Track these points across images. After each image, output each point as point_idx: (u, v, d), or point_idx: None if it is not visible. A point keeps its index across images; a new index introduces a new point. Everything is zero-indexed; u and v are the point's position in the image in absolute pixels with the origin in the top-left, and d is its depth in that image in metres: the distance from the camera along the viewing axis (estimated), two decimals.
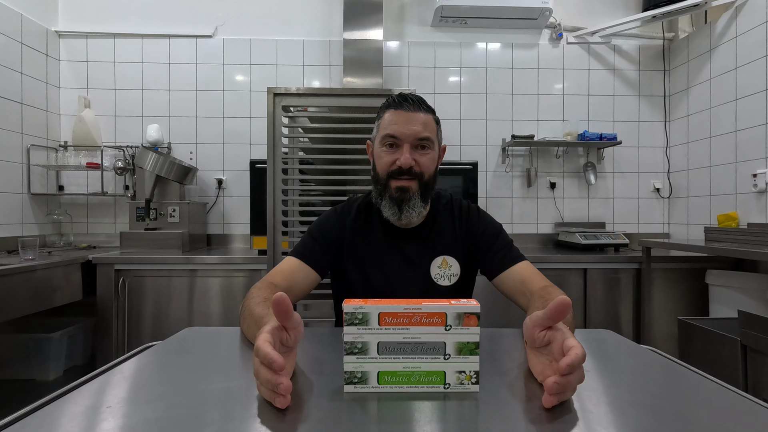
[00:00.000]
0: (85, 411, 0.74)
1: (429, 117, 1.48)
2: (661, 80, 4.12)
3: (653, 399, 0.80)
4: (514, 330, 1.25)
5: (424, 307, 0.81)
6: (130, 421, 0.70)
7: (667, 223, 4.13)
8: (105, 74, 3.95)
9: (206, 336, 1.22)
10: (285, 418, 0.72)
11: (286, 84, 3.99)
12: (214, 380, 0.88)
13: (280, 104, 2.47)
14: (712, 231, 3.10)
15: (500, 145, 4.06)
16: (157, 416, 0.72)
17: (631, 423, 0.71)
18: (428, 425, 0.70)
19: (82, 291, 3.06)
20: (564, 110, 4.10)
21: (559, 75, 4.11)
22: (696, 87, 3.76)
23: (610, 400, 0.79)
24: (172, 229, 3.53)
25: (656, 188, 4.11)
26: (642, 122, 4.12)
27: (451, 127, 4.02)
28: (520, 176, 4.08)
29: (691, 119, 3.82)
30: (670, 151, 4.08)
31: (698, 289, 3.25)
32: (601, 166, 4.09)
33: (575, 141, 3.86)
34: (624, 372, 0.96)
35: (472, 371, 0.82)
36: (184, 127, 3.98)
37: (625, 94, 4.12)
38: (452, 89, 4.08)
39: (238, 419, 0.71)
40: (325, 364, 0.97)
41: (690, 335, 2.63)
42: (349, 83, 3.63)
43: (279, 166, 2.47)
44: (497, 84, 4.09)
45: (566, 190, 4.10)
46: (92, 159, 3.79)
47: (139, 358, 1.02)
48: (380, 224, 1.59)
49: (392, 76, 4.04)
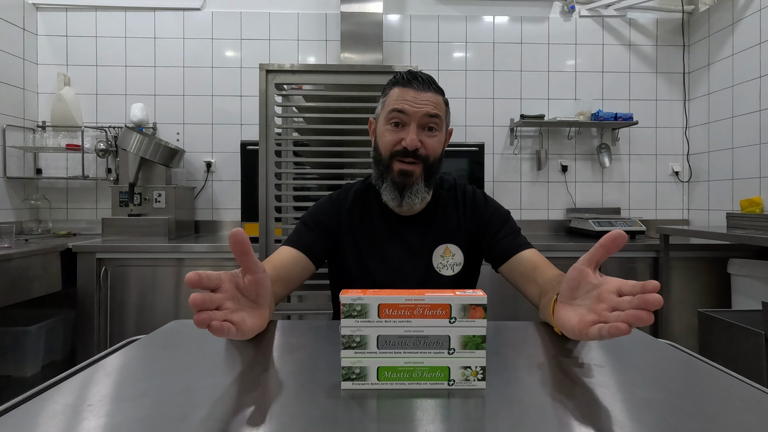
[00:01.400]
0: (65, 410, 0.73)
1: (439, 98, 1.46)
2: (680, 56, 4.10)
3: (672, 396, 0.79)
4: (523, 323, 1.24)
5: (427, 298, 0.81)
6: (112, 420, 0.70)
7: (686, 209, 4.13)
8: (86, 50, 3.93)
9: (194, 329, 1.21)
10: (278, 417, 0.71)
11: (279, 60, 3.96)
12: (202, 377, 0.87)
13: (272, 82, 2.46)
14: (734, 217, 3.10)
15: (508, 126, 4.05)
16: (141, 415, 0.71)
17: (649, 422, 0.70)
18: (431, 424, 0.70)
19: (62, 281, 3.06)
20: (576, 88, 4.09)
21: (571, 50, 4.09)
22: (717, 63, 3.74)
23: (625, 398, 0.78)
24: (157, 215, 3.53)
25: (675, 171, 4.10)
26: (660, 101, 4.10)
27: (456, 106, 4.01)
28: (529, 159, 4.08)
29: (712, 98, 3.80)
30: (690, 131, 4.07)
31: (720, 280, 3.25)
32: (616, 148, 4.08)
33: (588, 121, 3.85)
34: (640, 368, 0.95)
35: (478, 367, 0.82)
36: (170, 107, 3.97)
37: (641, 71, 4.10)
38: (457, 66, 4.06)
39: (228, 417, 0.71)
40: (321, 360, 0.97)
41: (711, 328, 2.63)
42: (346, 59, 3.61)
43: (272, 147, 2.46)
44: (505, 60, 4.07)
45: (579, 173, 4.10)
46: (72, 140, 3.78)
47: (122, 353, 1.01)
48: (379, 210, 1.58)
49: (393, 51, 4.01)
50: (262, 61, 3.83)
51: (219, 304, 0.83)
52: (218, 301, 0.83)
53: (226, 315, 0.83)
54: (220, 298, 0.84)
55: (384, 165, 1.49)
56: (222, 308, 0.84)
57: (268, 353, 1.02)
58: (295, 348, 1.04)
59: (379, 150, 1.51)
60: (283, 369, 0.92)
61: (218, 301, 0.83)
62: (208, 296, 0.79)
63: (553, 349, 1.04)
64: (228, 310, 0.85)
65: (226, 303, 0.85)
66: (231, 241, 0.84)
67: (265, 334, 1.13)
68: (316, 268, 1.52)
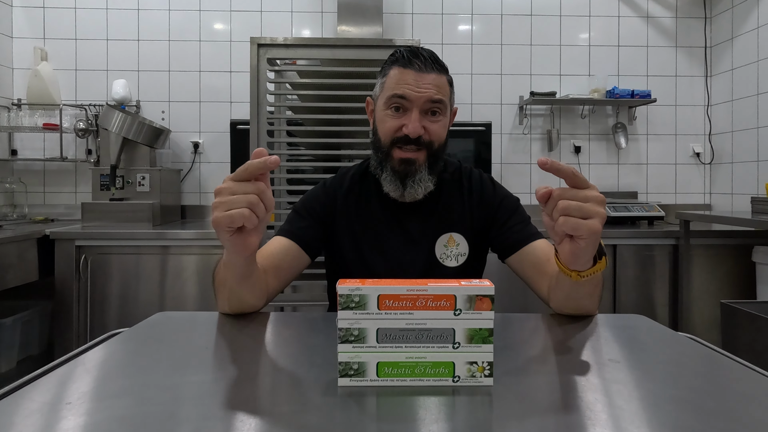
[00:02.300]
0: (42, 408, 0.73)
1: (442, 78, 1.44)
2: (702, 29, 4.07)
3: (692, 394, 0.79)
4: (533, 315, 1.24)
5: (430, 288, 0.80)
6: (93, 419, 0.69)
7: (708, 193, 4.13)
8: (64, 22, 3.91)
9: (180, 322, 1.22)
10: (270, 417, 0.71)
11: (271, 33, 3.94)
12: (189, 372, 0.87)
13: (265, 57, 2.45)
14: (759, 202, 3.09)
15: (517, 104, 4.04)
16: (124, 414, 0.71)
17: (668, 421, 0.70)
18: (434, 424, 0.69)
19: (38, 270, 3.06)
20: (590, 64, 4.07)
21: (584, 23, 4.07)
22: (741, 37, 3.72)
23: (643, 395, 0.78)
24: (141, 199, 3.52)
25: (696, 153, 4.09)
26: (679, 77, 4.09)
27: (461, 82, 3.99)
28: (539, 139, 4.07)
29: (735, 73, 3.79)
30: (712, 110, 4.06)
31: (744, 269, 3.25)
32: (632, 128, 4.07)
33: (603, 99, 3.84)
34: (659, 363, 0.95)
35: (485, 362, 0.82)
36: (155, 83, 3.96)
37: (660, 45, 4.08)
38: (462, 39, 4.04)
39: (217, 416, 0.71)
40: (317, 354, 0.96)
41: (734, 321, 2.63)
42: (344, 32, 3.59)
43: (264, 127, 2.45)
44: (514, 33, 4.05)
45: (593, 155, 4.09)
46: (50, 119, 3.76)
47: (103, 347, 1.01)
48: (378, 196, 1.57)
49: (393, 24, 3.99)
50: (253, 34, 3.81)
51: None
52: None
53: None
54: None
55: (384, 152, 1.47)
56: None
57: (260, 347, 1.02)
58: (289, 342, 1.04)
59: (379, 136, 1.49)
60: (275, 364, 0.92)
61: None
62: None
63: (566, 343, 1.04)
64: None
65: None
66: (254, 155, 0.93)
67: (257, 327, 1.13)
68: (311, 260, 1.51)
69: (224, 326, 1.15)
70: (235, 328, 1.14)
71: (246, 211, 0.92)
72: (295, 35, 3.95)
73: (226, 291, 1.19)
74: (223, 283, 1.18)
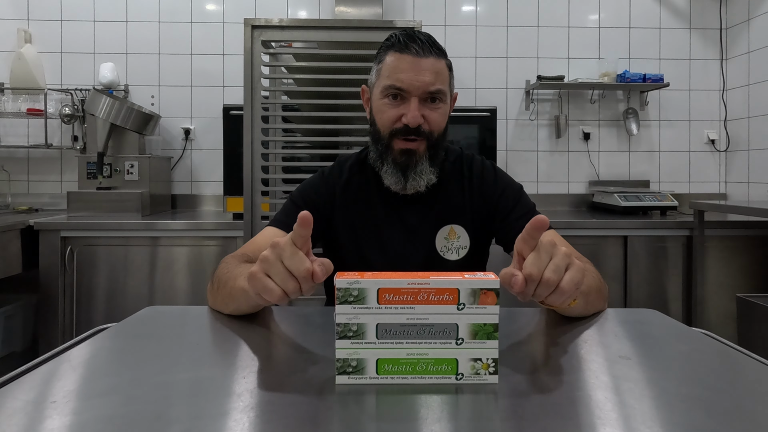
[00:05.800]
0: (25, 407, 0.73)
1: (441, 63, 1.44)
2: (717, 10, 4.06)
3: (707, 392, 0.79)
4: (540, 309, 1.24)
5: (432, 281, 0.80)
6: (79, 419, 0.70)
7: (723, 182, 4.12)
8: (49, 2, 3.89)
9: (170, 316, 1.22)
10: (264, 416, 0.71)
11: (266, 15, 3.93)
12: (179, 370, 0.87)
13: (259, 39, 2.44)
14: None
15: (524, 88, 4.03)
16: (111, 413, 0.71)
17: (681, 421, 0.70)
18: (437, 424, 0.70)
19: (22, 263, 3.05)
20: (600, 46, 4.06)
21: (594, 3, 4.05)
22: (759, 18, 3.71)
23: (655, 394, 0.78)
24: (129, 188, 3.51)
25: (711, 140, 4.09)
26: (693, 60, 4.08)
27: (465, 66, 3.98)
28: (547, 125, 4.06)
29: (752, 56, 3.78)
30: (728, 95, 4.05)
31: (761, 261, 3.25)
32: (644, 113, 4.07)
33: (613, 83, 3.83)
34: (672, 360, 0.95)
35: (489, 359, 0.82)
36: (144, 67, 3.95)
37: (673, 27, 4.07)
38: (466, 21, 4.02)
39: (208, 416, 0.71)
40: (314, 351, 0.97)
41: (751, 315, 2.64)
42: (342, 13, 3.58)
43: (258, 113, 2.45)
44: (520, 14, 4.03)
45: (602, 141, 4.09)
46: (34, 104, 3.75)
47: (90, 343, 1.01)
48: (377, 187, 1.57)
49: (394, 4, 3.98)
50: (247, 15, 3.78)
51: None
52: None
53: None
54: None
55: (383, 144, 1.47)
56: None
57: (254, 344, 1.02)
58: (285, 338, 1.04)
59: (377, 127, 1.49)
60: (270, 361, 0.92)
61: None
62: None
63: (574, 339, 1.04)
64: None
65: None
66: (299, 219, 0.88)
67: (250, 323, 1.13)
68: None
69: (216, 321, 1.15)
70: (228, 323, 1.14)
71: (283, 294, 0.88)
72: (290, 16, 3.94)
73: (231, 303, 1.16)
74: (230, 294, 1.15)
